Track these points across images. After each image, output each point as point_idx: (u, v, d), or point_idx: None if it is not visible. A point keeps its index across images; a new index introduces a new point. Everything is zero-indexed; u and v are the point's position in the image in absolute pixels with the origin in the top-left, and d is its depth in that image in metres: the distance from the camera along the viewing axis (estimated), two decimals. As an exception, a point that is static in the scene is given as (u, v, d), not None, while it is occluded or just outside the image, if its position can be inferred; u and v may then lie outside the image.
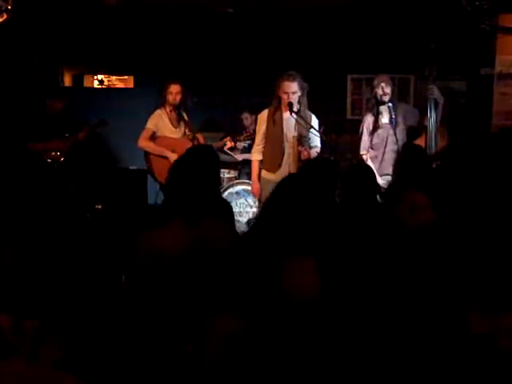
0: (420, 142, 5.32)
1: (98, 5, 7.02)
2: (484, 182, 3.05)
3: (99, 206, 6.08)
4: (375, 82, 5.40)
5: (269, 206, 2.67)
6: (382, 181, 5.08)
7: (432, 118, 5.28)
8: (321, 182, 3.49)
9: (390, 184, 4.56)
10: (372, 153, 5.47)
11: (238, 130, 6.83)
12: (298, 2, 7.05)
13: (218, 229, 2.68)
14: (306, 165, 4.20)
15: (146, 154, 5.56)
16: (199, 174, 2.98)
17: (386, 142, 5.37)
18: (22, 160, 5.46)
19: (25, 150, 5.60)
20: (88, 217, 5.81)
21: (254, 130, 5.60)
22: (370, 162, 5.39)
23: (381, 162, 5.39)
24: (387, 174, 5.14)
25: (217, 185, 3.58)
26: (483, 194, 2.88)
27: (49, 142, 5.71)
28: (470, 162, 3.74)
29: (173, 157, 5.27)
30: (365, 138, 5.49)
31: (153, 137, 5.52)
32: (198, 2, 7.15)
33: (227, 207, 3.57)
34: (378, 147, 5.43)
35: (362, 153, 5.52)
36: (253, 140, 5.68)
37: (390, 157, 5.33)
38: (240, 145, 6.59)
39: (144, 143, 5.50)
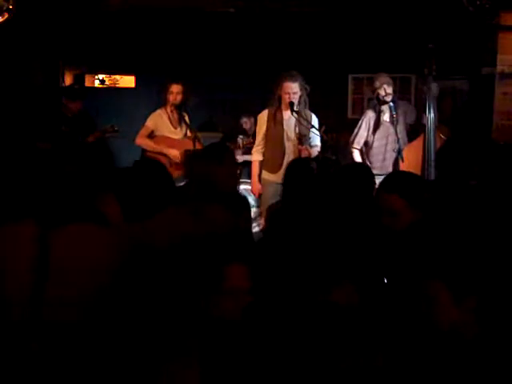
0: (419, 140, 5.32)
1: (99, 5, 7.02)
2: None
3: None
4: (377, 84, 5.34)
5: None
6: None
7: (431, 116, 5.26)
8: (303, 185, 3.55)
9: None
10: (374, 151, 5.40)
11: (239, 133, 6.83)
12: (298, 2, 7.04)
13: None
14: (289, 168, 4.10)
15: (144, 151, 5.54)
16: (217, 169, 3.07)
17: (387, 141, 5.33)
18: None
19: (34, 147, 5.60)
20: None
21: (254, 134, 5.58)
22: (357, 157, 5.40)
23: (383, 161, 5.36)
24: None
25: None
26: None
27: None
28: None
29: (171, 152, 5.31)
30: (361, 132, 5.42)
31: (151, 135, 5.49)
32: (199, 2, 7.15)
33: (244, 201, 3.58)
34: (380, 146, 5.37)
35: (354, 146, 5.46)
36: (253, 143, 5.65)
37: (390, 156, 5.32)
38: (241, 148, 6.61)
39: (142, 141, 5.46)
